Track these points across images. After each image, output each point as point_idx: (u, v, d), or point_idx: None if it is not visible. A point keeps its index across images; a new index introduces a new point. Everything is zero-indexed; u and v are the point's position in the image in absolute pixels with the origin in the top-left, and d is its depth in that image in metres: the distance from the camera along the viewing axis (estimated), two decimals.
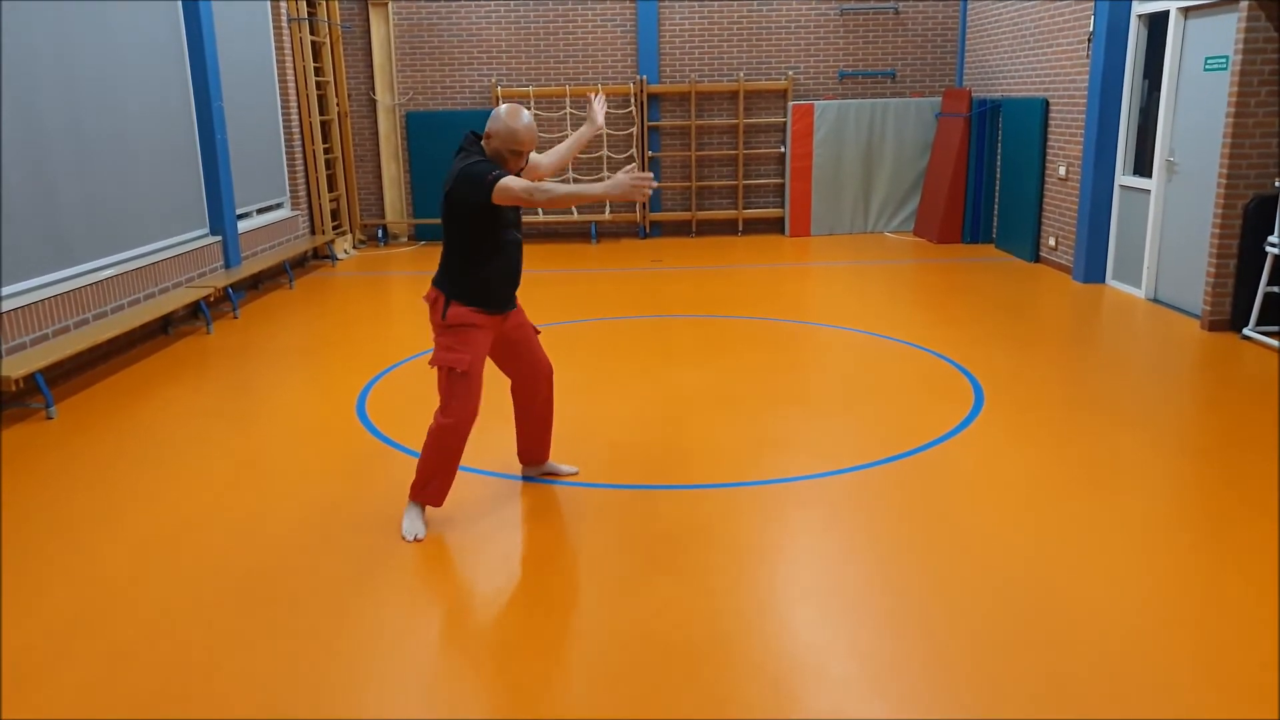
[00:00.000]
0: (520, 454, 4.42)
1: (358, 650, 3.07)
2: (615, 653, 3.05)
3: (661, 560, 3.64)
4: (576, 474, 4.45)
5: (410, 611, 3.30)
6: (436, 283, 3.82)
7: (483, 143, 3.75)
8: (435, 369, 3.83)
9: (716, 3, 11.51)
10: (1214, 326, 6.83)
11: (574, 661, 3.02)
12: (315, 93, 10.59)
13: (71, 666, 3.01)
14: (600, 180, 3.49)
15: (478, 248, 3.74)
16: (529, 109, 11.43)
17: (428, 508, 3.98)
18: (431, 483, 3.88)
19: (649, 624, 3.20)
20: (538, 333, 4.17)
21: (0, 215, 5.60)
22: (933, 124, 11.50)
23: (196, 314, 7.76)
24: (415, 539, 3.82)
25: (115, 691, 2.87)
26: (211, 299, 7.65)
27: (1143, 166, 8.04)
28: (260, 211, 9.66)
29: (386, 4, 11.36)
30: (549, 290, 8.88)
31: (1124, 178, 8.25)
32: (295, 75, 10.28)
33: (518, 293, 4.00)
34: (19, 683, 2.93)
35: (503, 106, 3.69)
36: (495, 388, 5.87)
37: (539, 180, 4.02)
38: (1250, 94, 6.53)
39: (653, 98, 11.69)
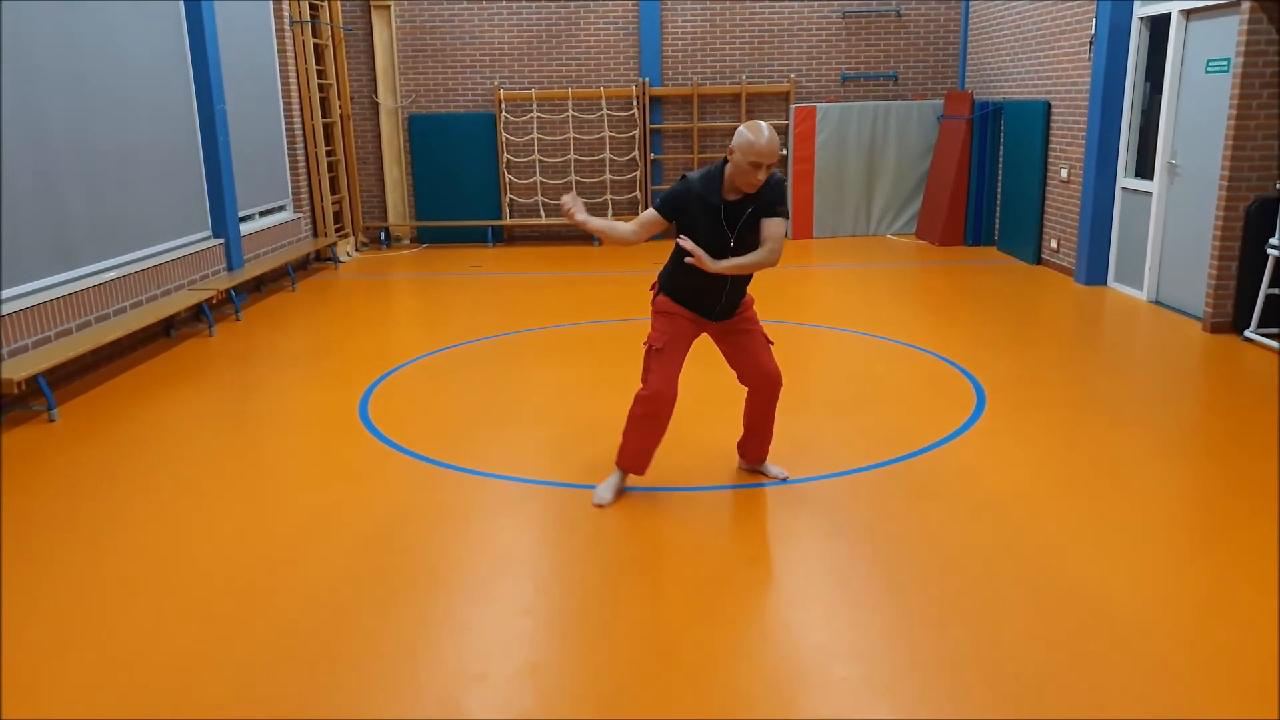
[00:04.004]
0: (739, 446, 4.45)
1: (359, 653, 3.07)
2: (616, 654, 3.05)
3: (662, 562, 3.65)
4: (785, 476, 4.38)
5: (412, 614, 3.31)
6: (660, 273, 4.11)
7: (727, 157, 3.77)
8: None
9: (719, 5, 11.52)
10: (1215, 328, 6.82)
11: (574, 663, 3.02)
12: (318, 95, 10.60)
13: (72, 669, 3.01)
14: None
15: (678, 257, 3.93)
16: (531, 111, 11.57)
17: (631, 474, 4.20)
18: (626, 448, 4.11)
19: (650, 625, 3.20)
20: (770, 343, 4.17)
21: (1, 217, 5.62)
22: (935, 126, 11.50)
23: (199, 316, 7.77)
24: (597, 503, 4.08)
25: (116, 693, 2.88)
26: (214, 301, 7.66)
27: (1144, 169, 8.04)
28: (263, 214, 9.67)
29: (389, 6, 11.39)
30: (551, 292, 8.89)
31: (1126, 180, 8.25)
32: (298, 77, 10.29)
33: (754, 304, 4.17)
34: (19, 683, 2.93)
35: (745, 124, 3.70)
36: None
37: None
38: (1252, 96, 6.53)
39: (655, 100, 11.70)
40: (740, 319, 4.10)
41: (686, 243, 3.79)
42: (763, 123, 3.65)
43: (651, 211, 3.87)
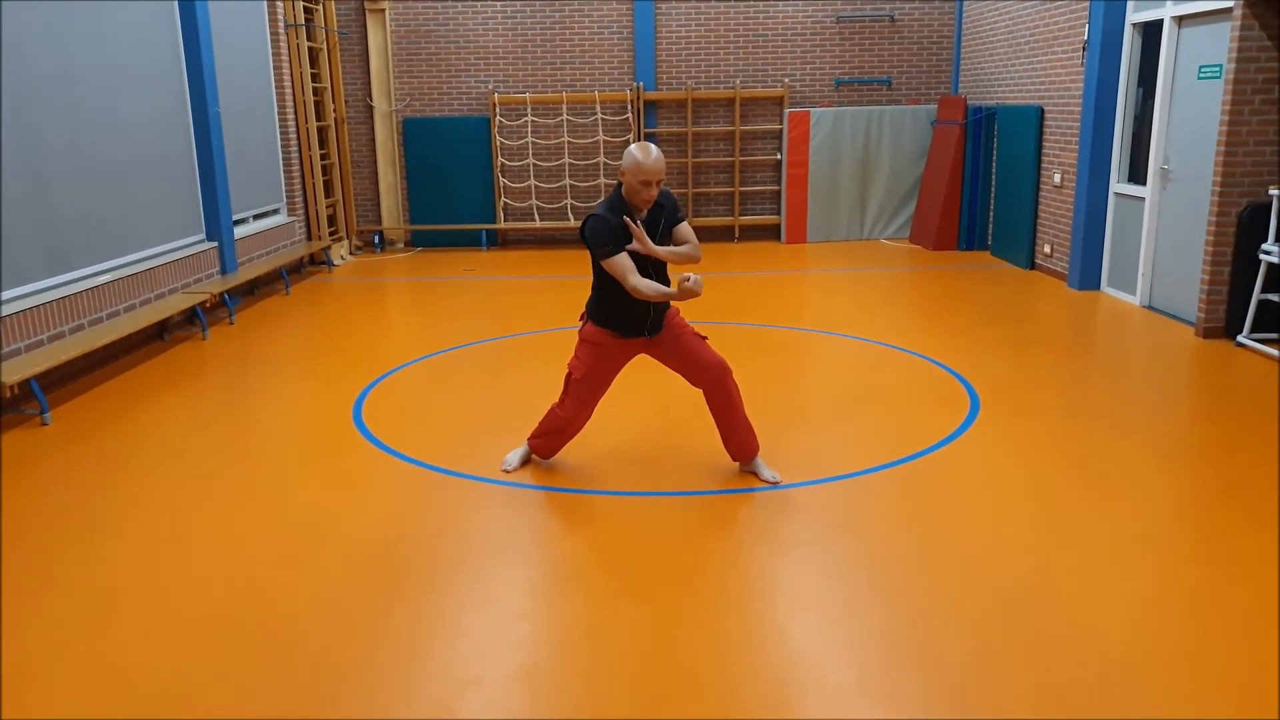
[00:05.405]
0: (725, 448, 4.50)
1: (355, 657, 3.07)
2: (610, 657, 3.05)
3: (659, 567, 3.65)
4: (778, 480, 4.38)
5: (407, 618, 3.30)
6: (586, 304, 4.33)
7: (620, 180, 4.02)
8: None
9: (713, 10, 11.54)
10: (1209, 334, 6.85)
11: (569, 666, 3.02)
12: (312, 98, 10.59)
13: (71, 670, 3.00)
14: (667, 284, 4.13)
15: (609, 284, 4.11)
16: (526, 115, 11.57)
17: (535, 456, 4.64)
18: (537, 438, 4.55)
19: (647, 630, 3.20)
20: (704, 338, 4.36)
21: None
22: (928, 131, 11.53)
23: (193, 320, 7.75)
24: (505, 469, 4.54)
25: (113, 695, 2.87)
26: (208, 305, 7.65)
27: (1137, 174, 8.07)
28: (257, 217, 9.66)
29: (384, 9, 11.38)
30: (545, 296, 8.89)
31: (1119, 185, 8.28)
32: (292, 81, 10.28)
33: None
34: (18, 683, 2.92)
35: (633, 144, 3.95)
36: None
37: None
38: (1244, 102, 6.56)
39: (649, 105, 11.71)
40: (669, 327, 4.31)
41: (634, 229, 3.97)
42: (650, 144, 3.97)
43: (624, 256, 3.98)
